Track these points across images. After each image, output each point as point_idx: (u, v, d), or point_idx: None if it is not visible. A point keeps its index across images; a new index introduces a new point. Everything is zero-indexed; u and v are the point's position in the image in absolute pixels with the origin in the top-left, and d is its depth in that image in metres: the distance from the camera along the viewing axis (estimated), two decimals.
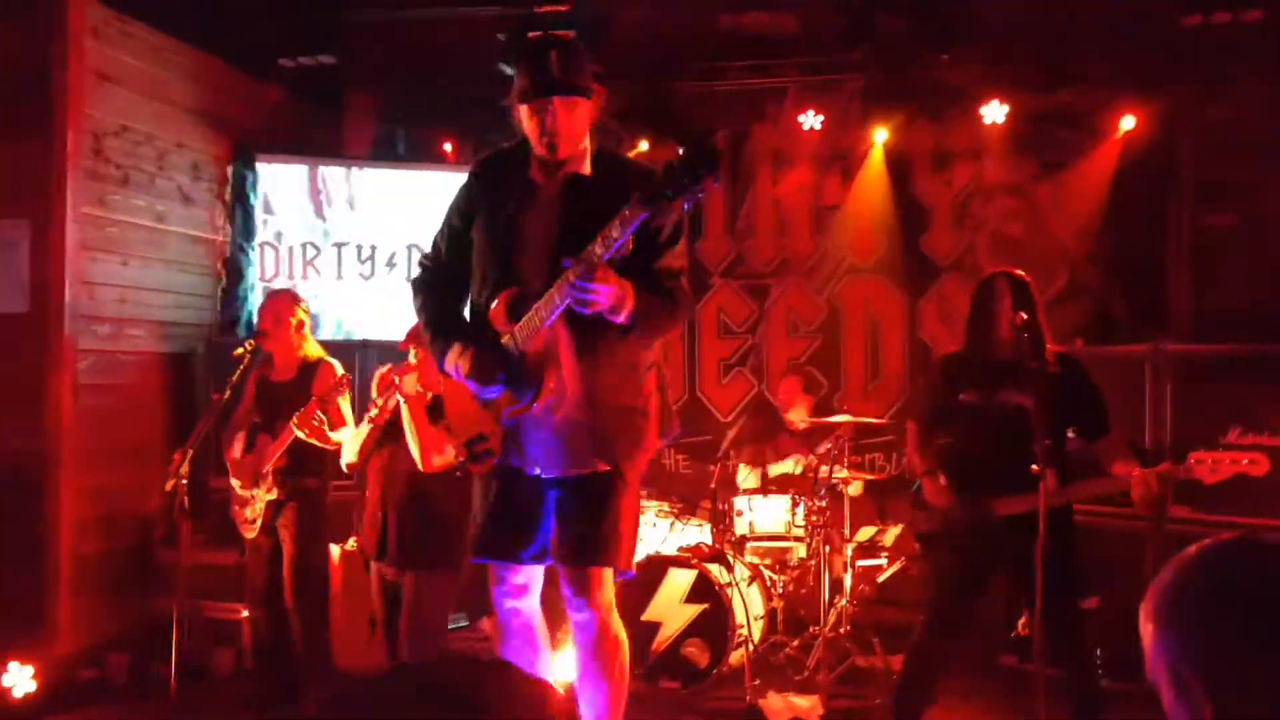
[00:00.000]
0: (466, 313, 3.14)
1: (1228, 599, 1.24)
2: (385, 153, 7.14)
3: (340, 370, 4.79)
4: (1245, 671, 1.20)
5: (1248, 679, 1.20)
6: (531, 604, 3.17)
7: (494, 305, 2.94)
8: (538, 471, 3.00)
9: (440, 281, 3.15)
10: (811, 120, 6.67)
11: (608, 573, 3.01)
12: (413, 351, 4.25)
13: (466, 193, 3.11)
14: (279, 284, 6.24)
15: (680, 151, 2.53)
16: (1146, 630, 1.30)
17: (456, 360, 2.96)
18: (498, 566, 3.10)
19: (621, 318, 2.75)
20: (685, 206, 2.55)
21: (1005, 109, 6.38)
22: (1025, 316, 3.80)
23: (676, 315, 2.95)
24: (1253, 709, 1.19)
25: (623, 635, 3.08)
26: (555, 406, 2.88)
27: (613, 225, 2.60)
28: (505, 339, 2.92)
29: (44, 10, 5.24)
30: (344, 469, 4.67)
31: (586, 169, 2.97)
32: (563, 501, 2.99)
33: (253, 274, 6.46)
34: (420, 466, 4.18)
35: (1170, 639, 1.26)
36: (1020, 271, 4.40)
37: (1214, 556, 1.28)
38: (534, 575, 3.14)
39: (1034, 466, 3.52)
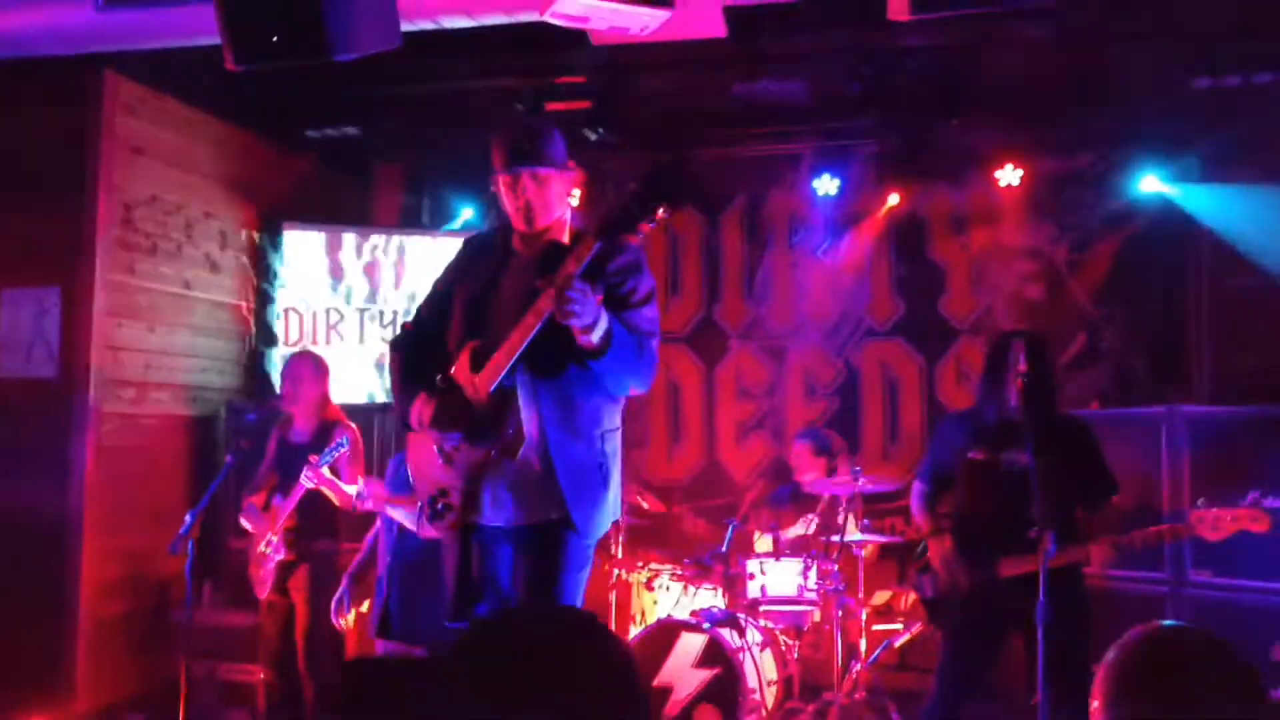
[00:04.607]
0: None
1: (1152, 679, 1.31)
2: (410, 220, 7.30)
3: (355, 431, 4.87)
4: None
5: None
6: None
7: (461, 356, 2.98)
8: (493, 522, 3.00)
9: (417, 342, 3.21)
10: (827, 185, 6.74)
11: None
12: None
13: (455, 262, 3.22)
14: (302, 349, 6.36)
15: (630, 185, 2.61)
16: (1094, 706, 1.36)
17: (419, 410, 3.00)
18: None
19: (595, 336, 2.75)
20: (641, 233, 2.63)
21: (1019, 172, 6.42)
22: (1026, 375, 3.81)
23: (642, 364, 2.93)
24: None
25: None
26: (512, 453, 2.91)
27: (570, 258, 2.71)
28: (468, 388, 2.94)
29: (80, 87, 5.46)
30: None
31: (566, 240, 3.05)
32: (518, 558, 2.99)
33: (278, 339, 6.59)
34: None
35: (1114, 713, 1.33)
36: (1034, 331, 4.43)
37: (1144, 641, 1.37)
38: None
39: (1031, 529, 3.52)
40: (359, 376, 6.66)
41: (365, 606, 5.21)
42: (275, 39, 3.24)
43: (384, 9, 3.48)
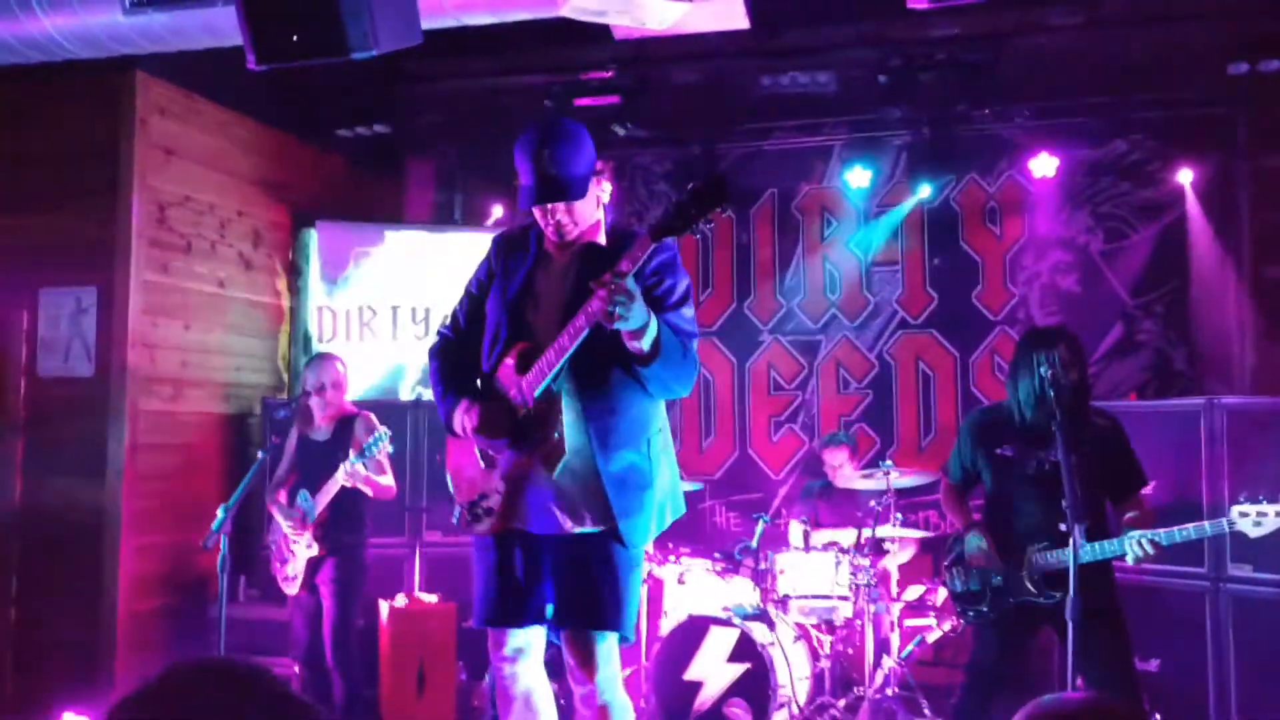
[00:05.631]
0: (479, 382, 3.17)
1: None
2: (442, 217, 7.34)
3: (376, 420, 4.89)
4: None
5: None
6: (530, 668, 3.11)
7: (505, 360, 2.96)
8: (535, 529, 2.99)
9: (455, 348, 3.21)
10: (858, 177, 6.69)
11: (610, 639, 2.97)
12: None
13: (486, 265, 3.19)
14: (335, 346, 6.41)
15: (689, 186, 2.59)
16: None
17: (463, 416, 3.00)
18: (495, 631, 3.09)
19: (644, 342, 2.73)
20: (698, 233, 2.62)
21: (1055, 162, 6.34)
22: (1058, 371, 3.76)
23: (685, 368, 2.91)
24: None
25: (629, 707, 3.03)
26: (556, 462, 2.89)
27: (624, 258, 2.67)
28: (513, 392, 2.94)
29: (112, 89, 5.53)
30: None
31: (601, 239, 3.03)
32: (560, 563, 2.97)
33: (311, 337, 6.65)
34: None
35: None
36: (1064, 326, 4.36)
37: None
38: (532, 639, 3.10)
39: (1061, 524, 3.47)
40: (392, 374, 6.70)
41: (401, 600, 5.27)
42: (295, 38, 3.27)
43: (404, 6, 3.49)
